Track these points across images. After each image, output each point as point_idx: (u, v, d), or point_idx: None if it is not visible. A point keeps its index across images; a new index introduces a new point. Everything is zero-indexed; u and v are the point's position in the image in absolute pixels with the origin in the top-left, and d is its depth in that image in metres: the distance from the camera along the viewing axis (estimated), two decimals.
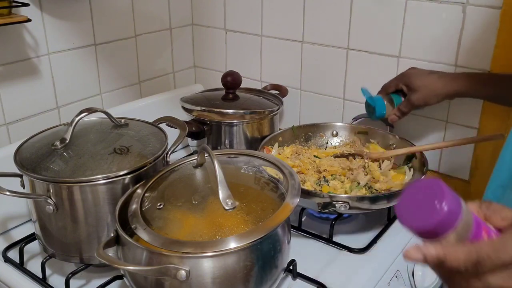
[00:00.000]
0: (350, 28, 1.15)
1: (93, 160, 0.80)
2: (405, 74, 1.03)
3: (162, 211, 0.74)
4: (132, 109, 1.18)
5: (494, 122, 1.04)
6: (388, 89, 1.06)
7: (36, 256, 0.91)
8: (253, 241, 0.67)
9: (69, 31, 1.12)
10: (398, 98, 1.05)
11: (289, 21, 1.24)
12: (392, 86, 1.05)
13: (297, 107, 1.31)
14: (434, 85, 0.97)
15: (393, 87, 1.05)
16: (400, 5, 1.07)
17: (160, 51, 1.36)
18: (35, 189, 0.80)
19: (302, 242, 0.95)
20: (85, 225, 0.80)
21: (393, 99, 1.05)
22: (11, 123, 1.06)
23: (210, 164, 0.77)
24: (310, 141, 1.17)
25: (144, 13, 1.28)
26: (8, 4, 0.93)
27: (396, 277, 0.90)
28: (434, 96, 0.98)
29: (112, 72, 1.24)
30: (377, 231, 0.97)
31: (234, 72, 1.21)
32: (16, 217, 0.99)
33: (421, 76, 1.00)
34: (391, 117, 1.05)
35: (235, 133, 1.15)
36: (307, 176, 1.02)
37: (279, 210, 0.72)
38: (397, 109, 1.04)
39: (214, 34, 1.40)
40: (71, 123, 0.84)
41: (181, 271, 0.65)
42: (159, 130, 0.93)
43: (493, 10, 0.97)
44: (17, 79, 1.05)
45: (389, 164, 1.07)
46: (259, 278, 0.71)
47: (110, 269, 0.85)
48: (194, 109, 1.15)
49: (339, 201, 0.89)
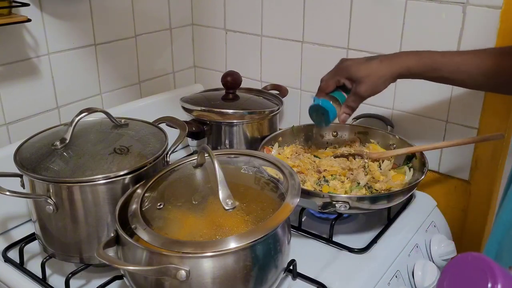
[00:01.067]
0: (350, 28, 1.15)
1: (93, 160, 0.80)
2: (342, 68, 0.95)
3: (162, 211, 0.74)
4: (132, 109, 1.18)
5: (494, 122, 1.04)
6: (327, 89, 0.97)
7: (36, 256, 0.91)
8: (253, 241, 0.67)
9: (69, 31, 1.12)
10: (340, 95, 0.96)
11: (289, 21, 1.24)
12: (331, 84, 0.96)
13: (297, 107, 1.31)
14: (379, 71, 0.91)
15: (332, 85, 0.96)
16: (400, 5, 1.07)
17: (160, 51, 1.36)
18: (35, 189, 0.80)
19: (302, 242, 0.95)
20: (85, 225, 0.80)
21: (336, 97, 0.96)
22: (11, 123, 1.06)
23: (210, 164, 0.77)
24: (310, 141, 1.17)
25: (144, 13, 1.28)
26: (8, 4, 0.93)
27: (396, 277, 0.90)
28: (382, 83, 0.91)
29: (112, 72, 1.24)
30: (377, 231, 0.97)
31: (234, 72, 1.21)
32: (16, 217, 0.99)
33: (360, 65, 0.93)
34: (342, 116, 0.97)
35: (235, 133, 1.14)
36: (307, 176, 1.02)
37: (279, 210, 0.72)
38: (345, 107, 0.96)
39: (214, 34, 1.40)
40: (71, 123, 0.84)
41: (181, 271, 0.65)
42: (159, 130, 0.93)
43: (493, 10, 0.97)
44: (17, 79, 1.05)
45: (389, 164, 1.07)
46: (259, 278, 0.71)
47: (110, 269, 0.85)
48: (194, 109, 1.15)
49: (339, 201, 0.89)
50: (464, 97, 1.06)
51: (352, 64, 0.94)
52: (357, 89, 0.93)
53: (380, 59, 0.92)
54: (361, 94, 0.93)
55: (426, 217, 1.04)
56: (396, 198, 0.94)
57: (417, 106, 1.13)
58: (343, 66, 0.95)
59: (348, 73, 0.94)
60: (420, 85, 1.12)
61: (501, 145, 1.05)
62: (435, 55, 0.89)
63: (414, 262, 0.95)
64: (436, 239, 1.01)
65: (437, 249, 1.00)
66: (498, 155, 1.06)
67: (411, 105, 1.14)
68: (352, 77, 0.93)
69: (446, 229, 1.10)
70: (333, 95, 0.97)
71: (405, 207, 1.05)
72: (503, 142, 1.04)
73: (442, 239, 1.02)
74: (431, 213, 1.07)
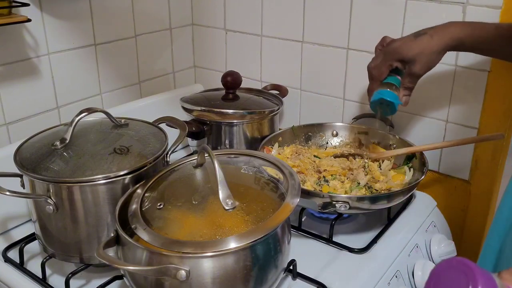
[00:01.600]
0: (350, 28, 1.15)
1: (93, 160, 0.80)
2: (391, 51, 0.92)
3: (162, 211, 0.74)
4: (132, 109, 1.18)
5: (494, 122, 1.04)
6: (381, 77, 0.94)
7: (36, 256, 0.91)
8: (253, 241, 0.67)
9: (69, 31, 1.12)
10: (395, 79, 0.93)
11: (289, 21, 1.24)
12: (384, 71, 0.93)
13: (297, 107, 1.31)
14: (430, 46, 0.87)
15: (385, 71, 0.93)
16: (400, 5, 1.07)
17: (160, 51, 1.36)
18: (35, 189, 0.80)
19: (302, 242, 0.95)
20: (85, 225, 0.80)
21: (392, 82, 0.93)
22: (11, 123, 1.06)
23: (210, 164, 0.77)
24: (310, 141, 1.17)
25: (144, 13, 1.28)
26: (8, 4, 0.93)
27: (396, 277, 0.90)
28: (436, 57, 0.89)
29: (112, 72, 1.24)
30: (377, 231, 0.97)
31: (234, 72, 1.21)
32: (16, 217, 0.99)
33: (411, 43, 0.89)
34: (404, 99, 0.94)
35: (235, 133, 1.14)
36: (307, 176, 1.02)
37: (279, 210, 0.72)
38: (403, 89, 0.93)
39: (214, 34, 1.40)
40: (71, 123, 0.84)
41: (181, 271, 0.65)
42: (159, 130, 0.93)
43: (493, 10, 0.97)
44: (17, 79, 1.05)
45: (389, 164, 1.07)
46: (259, 278, 0.71)
47: (110, 269, 0.85)
48: (194, 109, 1.15)
49: (339, 201, 0.89)
50: (464, 97, 1.06)
51: (402, 44, 0.90)
52: (412, 69, 0.90)
53: (429, 33, 0.88)
54: (417, 73, 0.90)
55: (426, 217, 1.04)
56: (396, 198, 0.94)
57: (417, 106, 1.13)
58: (392, 48, 0.91)
59: (399, 55, 0.90)
60: (420, 85, 1.12)
61: (501, 145, 1.05)
62: (488, 26, 0.86)
63: (414, 262, 0.95)
64: (436, 239, 1.01)
65: (437, 249, 1.00)
66: (498, 155, 1.06)
67: (411, 105, 1.13)
68: (405, 58, 0.89)
69: (446, 229, 1.10)
70: (388, 81, 0.93)
71: (405, 207, 1.05)
72: (503, 142, 1.04)
73: (442, 239, 1.02)
74: (431, 213, 1.07)
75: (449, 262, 0.46)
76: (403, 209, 1.04)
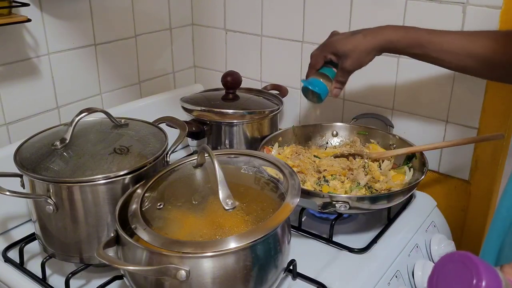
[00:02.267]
0: (350, 28, 1.15)
1: (93, 160, 0.80)
2: (328, 44, 0.96)
3: (162, 211, 0.74)
4: (132, 109, 1.18)
5: (494, 122, 1.04)
6: (316, 66, 0.97)
7: (36, 256, 0.91)
8: (253, 241, 0.67)
9: (69, 31, 1.12)
10: (330, 70, 0.97)
11: (289, 21, 1.24)
12: (319, 61, 0.97)
13: (297, 107, 1.31)
14: (362, 45, 0.90)
15: (320, 61, 0.97)
16: (400, 5, 1.07)
17: (160, 51, 1.36)
18: (35, 189, 0.80)
19: (302, 242, 0.95)
20: (85, 225, 0.80)
21: (326, 73, 0.97)
22: (11, 123, 1.06)
23: (210, 164, 0.77)
24: (310, 141, 1.17)
25: (144, 13, 1.28)
26: (8, 4, 0.93)
27: (396, 277, 0.90)
28: (366, 56, 0.91)
29: (112, 72, 1.24)
30: (377, 231, 0.97)
31: (234, 72, 1.21)
32: (16, 217, 0.99)
33: (345, 40, 0.93)
34: (334, 91, 0.98)
35: (235, 133, 1.14)
36: (307, 176, 1.02)
37: (279, 210, 0.72)
38: (335, 82, 0.97)
39: (214, 34, 1.40)
40: (71, 123, 0.84)
41: (181, 271, 0.65)
42: (159, 130, 0.93)
43: (493, 10, 0.97)
44: (17, 79, 1.05)
45: (389, 164, 1.07)
46: (259, 278, 0.71)
47: (110, 269, 0.85)
48: (194, 109, 1.15)
49: (339, 201, 0.89)
50: (464, 97, 1.06)
51: (338, 39, 0.94)
52: (343, 63, 0.93)
53: (363, 33, 0.91)
54: (347, 69, 0.94)
55: (426, 217, 1.04)
56: (396, 198, 0.94)
57: (417, 106, 1.13)
58: (330, 41, 0.96)
59: (334, 48, 0.94)
60: (420, 85, 1.12)
61: (501, 145, 1.05)
62: (421, 31, 0.88)
63: (414, 262, 0.95)
64: (436, 239, 1.01)
65: (437, 249, 1.00)
66: (498, 155, 1.06)
67: (411, 105, 1.14)
68: (338, 52, 0.93)
69: (446, 229, 1.10)
70: (323, 71, 0.97)
71: (405, 207, 1.05)
72: (503, 142, 1.04)
73: (442, 239, 1.02)
74: (431, 213, 1.07)
75: (452, 256, 0.46)
76: (403, 209, 1.04)
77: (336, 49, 0.93)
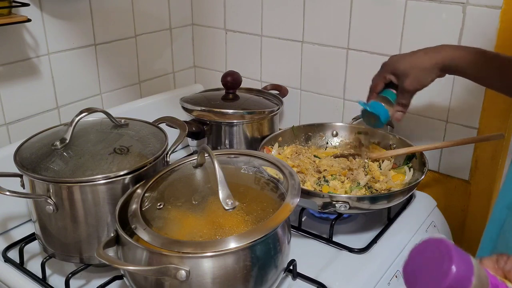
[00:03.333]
0: (350, 28, 1.15)
1: (93, 160, 0.80)
2: (387, 64, 0.93)
3: (162, 211, 0.74)
4: (132, 109, 1.18)
5: (494, 122, 1.04)
6: (377, 88, 0.95)
7: (36, 256, 0.91)
8: (253, 241, 0.67)
9: (69, 31, 1.12)
10: (391, 93, 0.94)
11: (289, 21, 1.24)
12: (379, 83, 0.94)
13: (297, 107, 1.31)
14: (422, 63, 0.87)
15: (380, 83, 0.94)
16: (400, 5, 1.07)
17: (160, 51, 1.36)
18: (35, 189, 0.80)
19: (302, 242, 0.95)
20: (85, 225, 0.80)
21: (387, 96, 0.94)
22: (11, 123, 1.06)
23: (210, 164, 0.77)
24: (310, 141, 1.17)
25: (144, 13, 1.28)
26: (8, 4, 0.93)
27: (396, 277, 0.90)
28: (426, 75, 0.88)
29: (112, 72, 1.24)
30: (377, 231, 0.97)
31: (234, 72, 1.21)
32: (16, 217, 0.99)
33: (405, 58, 0.90)
34: (396, 115, 0.95)
35: (235, 133, 1.15)
36: (307, 176, 1.02)
37: (279, 210, 0.72)
38: (397, 105, 0.94)
39: (214, 34, 1.40)
40: (71, 123, 0.84)
41: (181, 271, 0.65)
42: (159, 130, 0.93)
43: (493, 10, 0.97)
44: (17, 79, 1.05)
45: (389, 164, 1.07)
46: (259, 278, 0.71)
47: (110, 269, 0.85)
48: (194, 109, 1.15)
49: (339, 201, 0.89)
50: (464, 97, 1.06)
51: (397, 58, 0.91)
52: (403, 83, 0.90)
53: (424, 50, 0.88)
54: (406, 88, 0.90)
55: (426, 217, 1.04)
56: (396, 198, 0.94)
57: (417, 106, 1.13)
58: (389, 61, 0.93)
59: (392, 67, 0.91)
60: None
61: (501, 145, 1.05)
62: (482, 52, 0.85)
63: None
64: None
65: None
66: (498, 155, 1.06)
67: (411, 105, 1.14)
68: (397, 70, 0.90)
69: (446, 229, 1.10)
70: (383, 95, 0.94)
71: (405, 207, 1.05)
72: (503, 142, 1.04)
73: None
74: (431, 213, 1.07)
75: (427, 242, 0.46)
76: (403, 209, 1.04)
77: (395, 68, 0.91)
